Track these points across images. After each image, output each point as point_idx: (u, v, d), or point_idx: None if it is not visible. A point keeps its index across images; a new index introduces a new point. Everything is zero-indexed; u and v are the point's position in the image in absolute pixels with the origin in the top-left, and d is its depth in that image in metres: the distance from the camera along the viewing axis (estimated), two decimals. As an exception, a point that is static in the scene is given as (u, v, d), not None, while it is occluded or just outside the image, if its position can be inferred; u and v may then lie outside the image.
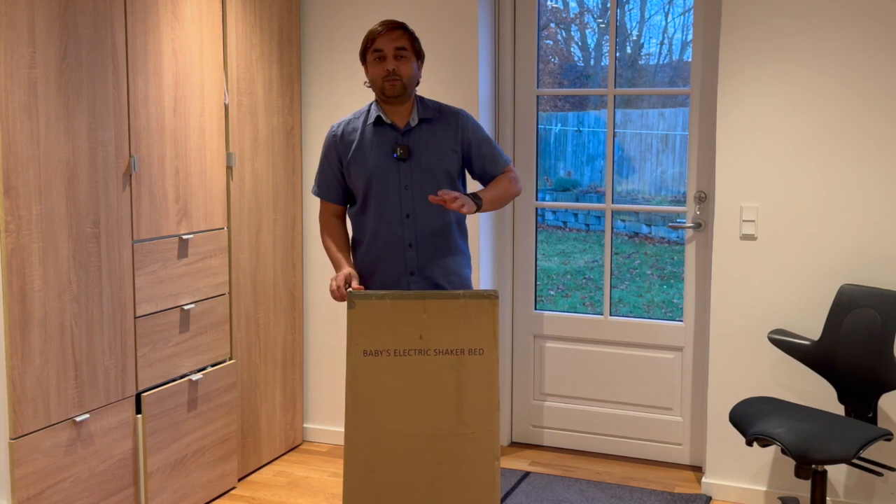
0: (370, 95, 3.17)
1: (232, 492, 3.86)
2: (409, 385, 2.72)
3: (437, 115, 3.02)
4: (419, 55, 3.00)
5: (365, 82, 3.02)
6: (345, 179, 3.03)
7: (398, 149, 2.94)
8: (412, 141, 2.96)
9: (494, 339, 2.72)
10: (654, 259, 7.65)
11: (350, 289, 2.81)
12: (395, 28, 2.95)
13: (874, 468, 3.16)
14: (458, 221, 3.04)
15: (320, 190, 3.10)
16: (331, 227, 3.08)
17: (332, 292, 2.84)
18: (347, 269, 2.90)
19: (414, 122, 2.97)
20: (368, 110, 3.03)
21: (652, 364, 4.17)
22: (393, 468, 2.72)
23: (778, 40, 3.57)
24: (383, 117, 2.97)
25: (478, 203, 2.87)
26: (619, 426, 4.26)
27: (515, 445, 4.42)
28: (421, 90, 3.11)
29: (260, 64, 3.95)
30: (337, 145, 3.03)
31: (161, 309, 3.42)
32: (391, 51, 2.91)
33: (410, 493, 2.72)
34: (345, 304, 2.76)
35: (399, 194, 2.94)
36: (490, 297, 2.72)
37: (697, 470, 4.11)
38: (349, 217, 3.10)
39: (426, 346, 2.71)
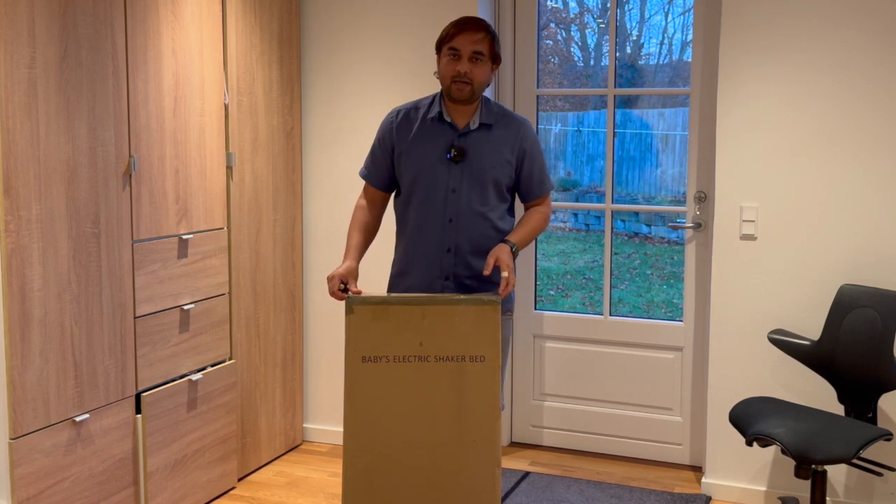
0: (370, 95, 3.15)
1: (232, 492, 3.86)
2: (408, 392, 2.67)
3: (499, 121, 2.91)
4: (496, 59, 2.87)
5: (435, 72, 2.90)
6: (394, 167, 2.95)
7: (453, 150, 2.84)
8: (468, 144, 2.86)
9: (496, 345, 2.66)
10: (654, 259, 7.66)
11: (348, 292, 2.75)
12: (479, 29, 2.81)
13: (874, 468, 3.16)
14: (500, 229, 2.93)
15: (368, 173, 3.01)
16: (360, 213, 3.00)
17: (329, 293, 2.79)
18: (345, 268, 2.81)
19: (474, 125, 2.87)
20: (432, 102, 2.91)
21: (652, 364, 4.17)
22: (392, 476, 2.69)
23: (778, 40, 3.57)
24: (444, 114, 2.87)
25: (514, 251, 2.82)
26: (619, 426, 4.26)
27: (515, 445, 4.41)
28: (421, 89, 3.06)
29: (260, 64, 3.95)
30: (392, 132, 2.93)
31: (161, 309, 3.42)
32: (468, 52, 2.78)
33: (410, 502, 2.69)
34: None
35: (445, 196, 2.85)
36: (492, 303, 2.67)
37: (697, 470, 4.10)
38: (394, 204, 3.02)
39: (426, 352, 2.66)
